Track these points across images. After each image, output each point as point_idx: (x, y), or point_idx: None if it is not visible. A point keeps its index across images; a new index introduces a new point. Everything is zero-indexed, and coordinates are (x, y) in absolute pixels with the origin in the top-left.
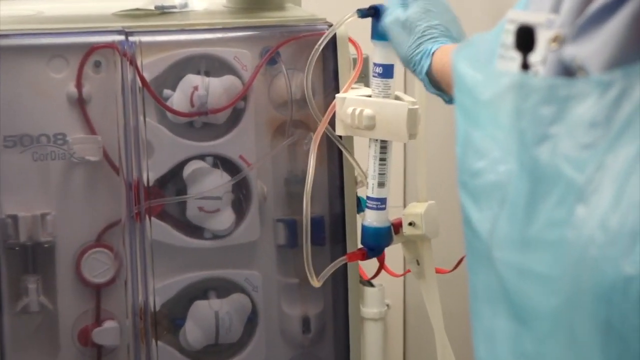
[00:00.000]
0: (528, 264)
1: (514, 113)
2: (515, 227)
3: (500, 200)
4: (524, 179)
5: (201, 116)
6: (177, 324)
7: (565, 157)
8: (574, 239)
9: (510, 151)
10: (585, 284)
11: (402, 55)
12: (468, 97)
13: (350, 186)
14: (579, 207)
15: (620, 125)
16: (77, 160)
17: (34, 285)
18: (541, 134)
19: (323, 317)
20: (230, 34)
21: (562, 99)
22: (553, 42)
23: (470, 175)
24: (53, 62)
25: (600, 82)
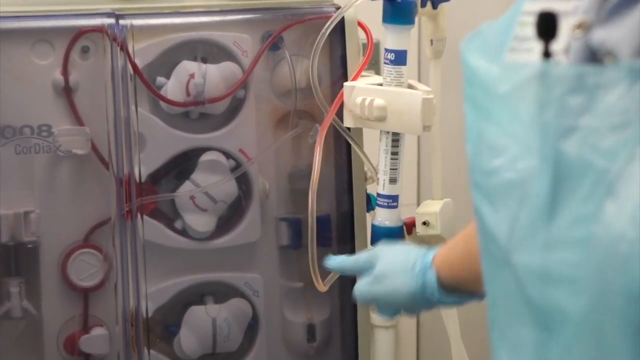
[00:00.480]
0: (551, 266)
1: (536, 105)
2: (537, 227)
3: (520, 199)
4: (546, 175)
5: (198, 106)
6: (171, 331)
7: (594, 149)
8: (603, 235)
9: (531, 147)
10: (614, 283)
11: (410, 294)
12: (481, 91)
13: (359, 182)
14: (608, 201)
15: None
16: (63, 154)
17: (17, 289)
18: (568, 126)
19: (329, 324)
20: (229, 17)
21: (591, 87)
22: (577, 28)
23: (484, 175)
24: (37, 47)
25: (632, 68)
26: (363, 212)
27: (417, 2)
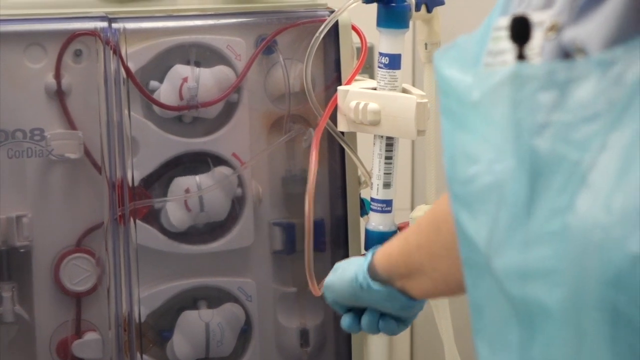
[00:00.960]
0: (530, 262)
1: (509, 106)
2: (516, 227)
3: (498, 202)
4: (522, 174)
5: (191, 110)
6: (164, 336)
7: (567, 142)
8: (577, 225)
9: (506, 149)
10: (590, 270)
11: (345, 288)
12: (455, 100)
13: (353, 187)
14: (582, 192)
15: (624, 102)
16: (55, 158)
17: (9, 294)
18: (541, 123)
19: (323, 329)
20: (222, 21)
21: (562, 83)
22: (550, 30)
23: (461, 184)
24: (30, 51)
25: (600, 61)
26: (357, 216)
27: (412, 6)
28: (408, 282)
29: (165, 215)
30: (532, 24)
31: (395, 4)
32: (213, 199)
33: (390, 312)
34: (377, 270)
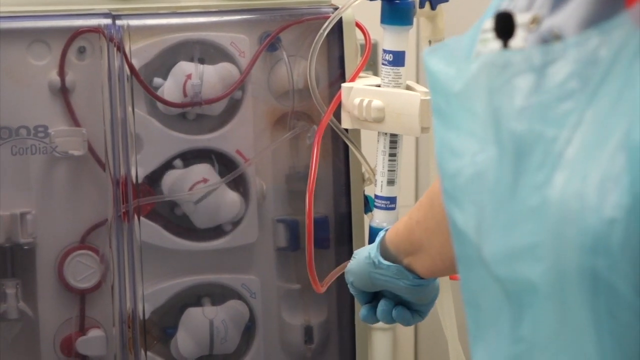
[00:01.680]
0: (514, 242)
1: (487, 93)
2: (500, 210)
3: (482, 191)
4: (504, 159)
5: (195, 107)
6: (168, 333)
7: (543, 120)
8: (555, 198)
9: (487, 138)
10: (570, 240)
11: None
12: (441, 95)
13: (357, 184)
14: (559, 166)
15: (598, 80)
16: (59, 155)
17: (13, 290)
18: (520, 106)
19: (327, 326)
20: (226, 18)
21: (539, 67)
22: (532, 24)
23: (449, 179)
24: (33, 48)
25: (575, 42)
26: (361, 213)
27: (416, 3)
28: (413, 259)
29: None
30: (516, 20)
31: (399, 0)
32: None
33: (403, 293)
34: (387, 247)
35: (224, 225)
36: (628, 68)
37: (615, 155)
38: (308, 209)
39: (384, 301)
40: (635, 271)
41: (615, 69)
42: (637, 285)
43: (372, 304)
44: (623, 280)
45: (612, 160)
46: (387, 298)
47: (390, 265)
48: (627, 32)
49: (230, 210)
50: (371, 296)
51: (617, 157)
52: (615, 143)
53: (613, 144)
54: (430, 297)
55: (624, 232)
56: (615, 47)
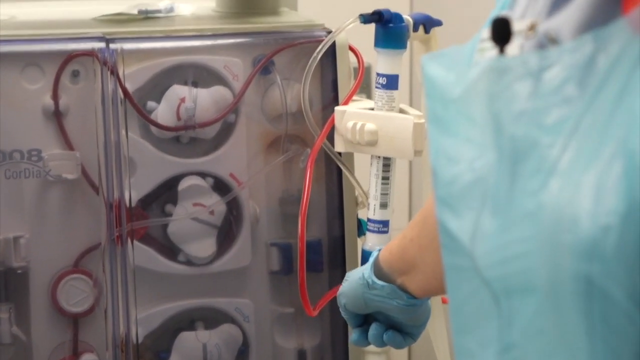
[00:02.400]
0: (509, 246)
1: (486, 99)
2: (498, 215)
3: (482, 196)
4: (504, 164)
5: (188, 130)
6: (161, 357)
7: (539, 126)
8: (551, 203)
9: (486, 144)
10: (565, 245)
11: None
12: (439, 101)
13: (350, 207)
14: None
15: (595, 87)
16: (53, 179)
17: (6, 315)
18: (518, 111)
19: (320, 350)
20: (220, 41)
21: (536, 71)
22: (530, 30)
23: (445, 185)
24: (27, 72)
25: (572, 48)
26: (354, 237)
27: (410, 27)
28: (406, 278)
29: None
30: (513, 26)
31: (393, 24)
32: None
33: (396, 314)
34: (381, 267)
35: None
36: (627, 75)
37: (611, 162)
38: (300, 232)
39: (375, 325)
40: (629, 277)
41: (614, 76)
42: (630, 292)
43: (363, 327)
44: (617, 287)
45: (608, 167)
46: (379, 322)
47: (385, 285)
48: (626, 38)
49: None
50: (362, 319)
51: (614, 164)
52: (612, 150)
53: (610, 151)
54: (422, 319)
55: (618, 239)
56: (614, 54)
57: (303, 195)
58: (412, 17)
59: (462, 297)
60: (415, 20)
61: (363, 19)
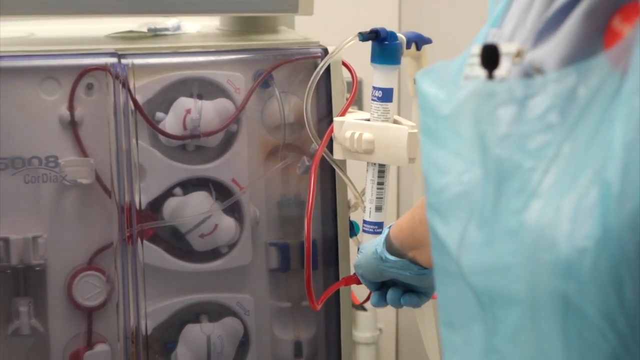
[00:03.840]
0: (493, 258)
1: (473, 119)
2: (483, 229)
3: (469, 208)
4: (489, 181)
5: (194, 139)
6: (168, 347)
7: (522, 151)
8: (532, 223)
9: (473, 160)
10: (543, 264)
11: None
12: (431, 116)
13: (343, 210)
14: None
15: (576, 116)
16: (69, 183)
17: (26, 308)
18: (501, 134)
19: (315, 341)
20: (223, 57)
21: (521, 98)
22: (516, 57)
23: (435, 193)
24: (45, 84)
25: (556, 78)
26: (347, 238)
27: (403, 44)
28: (417, 252)
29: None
30: (501, 52)
31: (388, 42)
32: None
33: (409, 281)
34: (392, 243)
35: (220, 248)
36: (605, 108)
37: (588, 189)
38: (307, 232)
39: (392, 290)
40: (603, 297)
41: (593, 108)
42: (603, 310)
43: (381, 290)
44: (591, 305)
45: (585, 193)
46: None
47: (397, 260)
48: (605, 73)
49: (227, 234)
50: (380, 284)
51: (590, 191)
52: (589, 177)
53: (587, 178)
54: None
55: (593, 261)
56: (594, 86)
57: (308, 199)
58: (405, 35)
59: (450, 297)
60: (408, 38)
61: (361, 37)
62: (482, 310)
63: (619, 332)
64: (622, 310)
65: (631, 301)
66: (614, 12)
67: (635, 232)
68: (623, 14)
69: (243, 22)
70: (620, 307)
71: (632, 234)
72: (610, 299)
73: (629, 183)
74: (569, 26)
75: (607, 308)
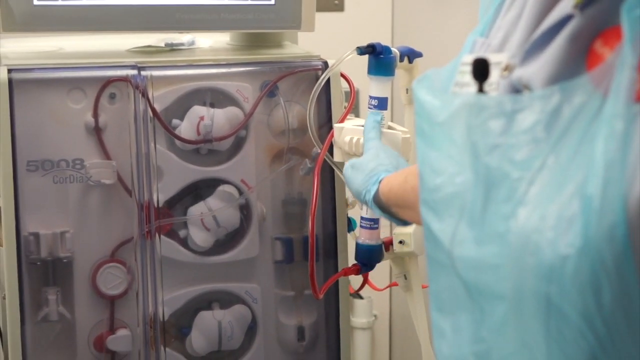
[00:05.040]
0: (482, 257)
1: (466, 129)
2: (473, 228)
3: (460, 208)
4: (479, 186)
5: (206, 143)
6: (183, 332)
7: (510, 161)
8: (518, 229)
9: (465, 164)
10: (528, 267)
11: (354, 189)
12: (426, 121)
13: (341, 208)
14: (523, 202)
15: (560, 131)
16: (93, 183)
17: (54, 297)
18: (491, 144)
19: (316, 326)
20: (233, 69)
21: (509, 112)
22: (505, 70)
23: (429, 192)
24: (72, 94)
25: (542, 95)
26: (345, 233)
27: (397, 58)
28: (400, 211)
29: (190, 239)
30: (490, 64)
31: (383, 55)
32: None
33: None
34: (380, 197)
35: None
36: (587, 126)
37: (571, 201)
38: (311, 228)
39: None
40: (582, 300)
41: (576, 125)
42: (582, 312)
43: None
44: (571, 307)
45: (568, 204)
46: None
47: (379, 211)
48: (588, 93)
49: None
50: None
51: (572, 203)
52: (572, 190)
53: (569, 190)
54: None
55: (574, 267)
56: (577, 105)
57: (312, 197)
58: (398, 49)
59: (441, 285)
60: (401, 52)
61: (359, 51)
62: (470, 301)
63: (597, 332)
64: (599, 313)
65: (608, 305)
66: (596, 36)
67: (613, 244)
68: (604, 38)
69: (251, 37)
70: (598, 310)
71: (610, 245)
72: (589, 302)
73: (608, 199)
74: (554, 47)
75: (586, 310)
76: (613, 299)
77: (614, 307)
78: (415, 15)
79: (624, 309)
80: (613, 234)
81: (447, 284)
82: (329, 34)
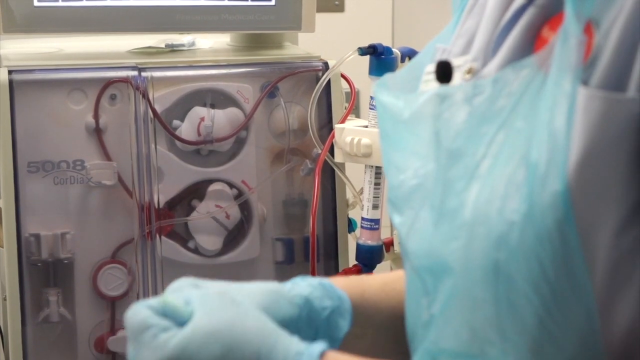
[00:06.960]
0: (436, 237)
1: (431, 118)
2: (432, 212)
3: (422, 198)
4: (440, 171)
5: (207, 144)
6: None
7: (467, 140)
8: (472, 202)
9: (429, 156)
10: (479, 236)
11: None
12: (389, 122)
13: (342, 208)
14: (475, 176)
15: (509, 108)
16: (94, 184)
17: (55, 298)
18: (454, 130)
19: None
20: (233, 70)
21: (469, 98)
22: (467, 73)
23: (393, 189)
24: (73, 95)
25: (495, 79)
26: (345, 233)
27: (398, 58)
28: None
29: (201, 247)
30: (453, 67)
31: (385, 56)
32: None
33: None
34: None
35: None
36: (532, 100)
37: (517, 170)
38: (312, 229)
39: None
40: (528, 265)
41: (523, 100)
42: (528, 277)
43: None
44: (518, 272)
45: (514, 174)
46: None
47: None
48: (534, 71)
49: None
50: None
51: (518, 172)
52: (518, 160)
53: (516, 160)
54: None
55: (520, 233)
56: (524, 82)
57: (313, 198)
58: (399, 50)
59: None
60: (402, 53)
61: (361, 52)
62: (424, 292)
63: (543, 297)
64: (544, 277)
65: (552, 270)
66: (544, 23)
67: (556, 210)
68: (550, 24)
69: (251, 38)
70: (542, 275)
71: (554, 212)
72: (534, 267)
73: (552, 166)
74: (510, 40)
75: (531, 275)
76: (556, 263)
77: (558, 272)
78: (416, 16)
79: (567, 274)
80: (556, 201)
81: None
82: (329, 34)
